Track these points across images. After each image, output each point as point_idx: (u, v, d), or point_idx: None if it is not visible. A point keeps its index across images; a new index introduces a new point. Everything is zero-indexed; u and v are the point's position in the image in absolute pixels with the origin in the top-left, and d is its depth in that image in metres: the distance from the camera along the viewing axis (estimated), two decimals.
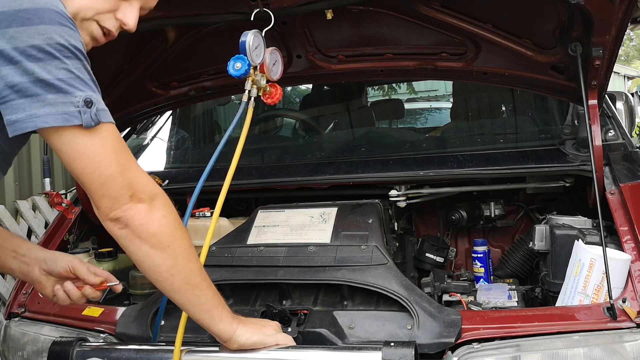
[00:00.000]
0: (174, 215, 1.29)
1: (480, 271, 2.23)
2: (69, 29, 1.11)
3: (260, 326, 1.46)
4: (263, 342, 1.42)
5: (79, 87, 1.11)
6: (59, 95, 1.08)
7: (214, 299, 1.35)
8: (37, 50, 1.06)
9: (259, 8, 1.64)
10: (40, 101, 1.07)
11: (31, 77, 1.07)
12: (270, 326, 1.49)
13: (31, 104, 1.07)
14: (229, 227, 2.10)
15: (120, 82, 2.19)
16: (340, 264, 1.73)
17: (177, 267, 1.27)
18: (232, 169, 1.52)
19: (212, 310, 1.35)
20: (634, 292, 1.52)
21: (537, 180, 2.14)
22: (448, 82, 3.99)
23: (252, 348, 1.41)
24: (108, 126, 1.17)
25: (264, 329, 1.45)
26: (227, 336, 1.38)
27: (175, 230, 1.27)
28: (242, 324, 1.41)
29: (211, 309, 1.34)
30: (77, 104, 1.10)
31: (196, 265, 1.32)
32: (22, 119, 1.08)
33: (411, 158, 2.21)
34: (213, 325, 1.36)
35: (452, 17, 1.81)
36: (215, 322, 1.36)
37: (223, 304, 1.38)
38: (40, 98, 1.07)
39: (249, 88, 1.60)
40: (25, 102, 1.07)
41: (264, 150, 2.82)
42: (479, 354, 1.45)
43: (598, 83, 1.77)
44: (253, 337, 1.40)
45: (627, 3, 1.48)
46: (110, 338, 1.74)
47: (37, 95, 1.07)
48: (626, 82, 19.12)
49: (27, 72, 1.06)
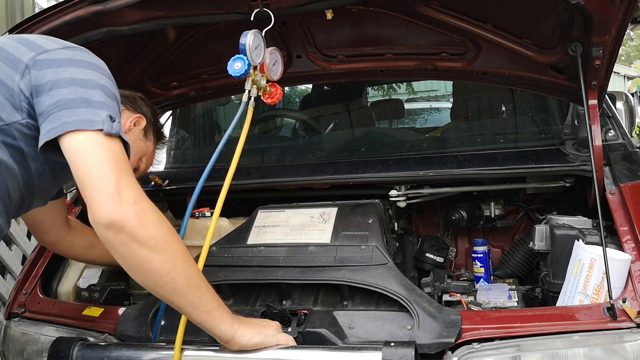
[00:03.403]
0: (166, 221, 1.30)
1: (480, 271, 2.23)
2: (113, 84, 1.39)
3: (260, 326, 1.46)
4: (264, 343, 1.42)
5: (108, 109, 1.28)
6: (89, 109, 1.25)
7: (214, 301, 1.35)
8: (87, 82, 1.30)
9: (259, 8, 1.64)
10: (73, 111, 1.24)
11: (76, 95, 1.26)
12: (270, 326, 1.48)
13: (65, 113, 1.24)
14: (229, 227, 2.10)
15: (120, 82, 2.17)
16: (340, 264, 1.73)
17: (177, 270, 1.27)
18: (232, 169, 1.52)
19: (213, 311, 1.35)
20: (634, 292, 1.52)
21: (537, 180, 2.14)
22: (448, 82, 4.00)
23: (253, 349, 1.41)
24: (121, 143, 1.29)
25: (264, 330, 1.45)
26: (228, 337, 1.38)
27: (170, 234, 1.28)
28: (242, 325, 1.41)
29: (212, 310, 1.35)
30: (102, 116, 1.26)
31: (194, 267, 1.33)
32: (54, 126, 1.23)
33: (411, 158, 2.21)
34: (215, 326, 1.36)
35: (452, 17, 1.81)
36: (217, 324, 1.36)
37: (223, 305, 1.38)
38: (74, 110, 1.24)
39: (249, 88, 1.60)
40: (61, 114, 1.24)
41: (264, 150, 2.82)
42: (479, 354, 1.45)
43: (598, 83, 1.77)
44: (254, 338, 1.40)
45: (627, 3, 1.48)
46: (110, 338, 1.74)
47: (73, 107, 1.24)
48: (626, 82, 19.12)
49: (74, 92, 1.26)
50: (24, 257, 3.90)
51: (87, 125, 1.23)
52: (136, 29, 1.76)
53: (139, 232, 1.21)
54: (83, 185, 1.22)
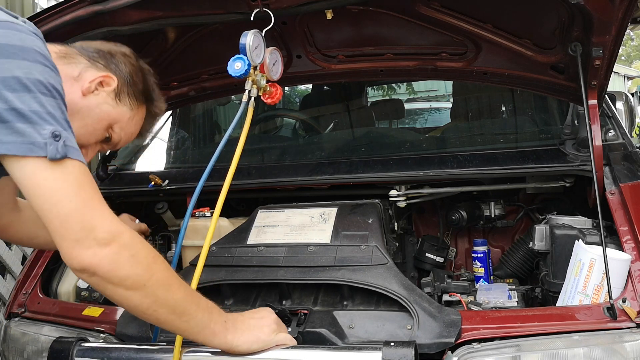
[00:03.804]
0: (145, 250, 1.21)
1: (480, 271, 2.23)
2: (50, 70, 1.13)
3: (256, 328, 1.42)
4: (264, 347, 1.41)
5: (49, 122, 1.09)
6: (27, 125, 1.07)
7: (203, 319, 1.30)
8: (16, 82, 1.07)
9: (259, 8, 1.64)
10: (8, 128, 1.06)
11: (5, 104, 1.06)
12: (266, 326, 1.45)
13: (0, 130, 1.06)
14: (229, 227, 2.10)
15: None
16: (340, 264, 1.73)
17: (159, 302, 1.22)
18: (232, 169, 1.52)
19: (203, 331, 1.31)
20: (634, 292, 1.52)
21: (537, 180, 2.13)
22: (448, 82, 4.00)
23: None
24: (74, 163, 1.12)
25: (259, 332, 1.42)
26: (226, 349, 1.37)
27: (148, 266, 1.19)
28: (238, 333, 1.37)
29: (202, 329, 1.31)
30: (45, 136, 1.07)
31: (178, 293, 1.26)
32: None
33: (411, 158, 2.21)
34: (208, 343, 1.34)
35: (452, 17, 1.81)
36: (209, 340, 1.33)
37: (214, 318, 1.34)
38: (9, 125, 1.06)
39: (249, 88, 1.60)
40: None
41: (264, 150, 2.82)
42: (479, 354, 1.45)
43: (598, 83, 1.77)
44: (253, 345, 1.39)
45: (627, 3, 1.48)
46: (110, 338, 1.74)
47: (7, 122, 1.06)
48: (626, 82, 19.13)
49: (2, 99, 1.06)
50: (24, 257, 3.90)
51: (27, 151, 1.06)
52: (136, 29, 1.76)
53: (112, 275, 1.14)
54: (47, 226, 1.11)
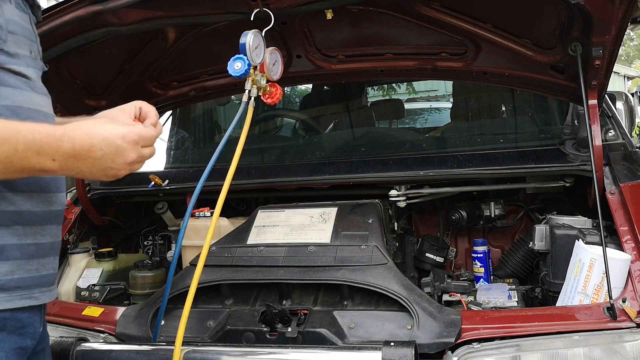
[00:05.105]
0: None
1: (480, 271, 2.23)
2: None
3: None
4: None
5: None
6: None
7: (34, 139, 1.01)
8: None
9: (259, 8, 1.64)
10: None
11: None
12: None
13: None
14: (229, 227, 2.10)
15: (120, 82, 2.20)
16: (340, 263, 1.73)
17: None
18: (232, 169, 1.52)
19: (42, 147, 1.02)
20: (634, 292, 1.53)
21: (537, 180, 2.14)
22: (448, 82, 4.00)
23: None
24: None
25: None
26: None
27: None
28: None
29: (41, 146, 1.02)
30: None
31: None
32: None
33: (411, 158, 2.21)
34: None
35: (452, 17, 1.81)
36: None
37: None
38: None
39: (249, 88, 1.60)
40: None
41: (264, 150, 2.82)
42: (478, 353, 1.45)
43: (598, 83, 1.77)
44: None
45: (627, 3, 1.48)
46: (110, 338, 1.74)
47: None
48: (626, 82, 19.13)
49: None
50: None
51: None
52: (136, 29, 1.76)
53: None
54: None
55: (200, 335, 1.65)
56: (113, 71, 2.15)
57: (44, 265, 1.17)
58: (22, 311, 1.12)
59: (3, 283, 1.07)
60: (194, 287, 1.39)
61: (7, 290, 1.08)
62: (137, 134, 1.12)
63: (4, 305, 1.07)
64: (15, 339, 1.11)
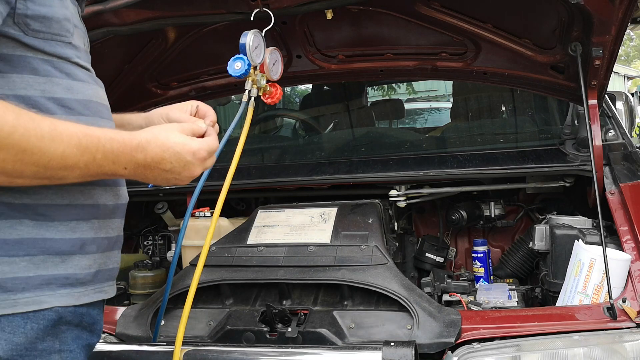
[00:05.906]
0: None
1: (480, 271, 2.23)
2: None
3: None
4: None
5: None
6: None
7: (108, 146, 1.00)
8: None
9: (259, 8, 1.64)
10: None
11: None
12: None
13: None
14: (229, 227, 2.10)
15: (120, 82, 2.20)
16: (340, 263, 1.73)
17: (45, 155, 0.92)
18: (232, 169, 1.51)
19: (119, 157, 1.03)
20: (634, 292, 1.53)
21: (537, 180, 2.14)
22: (448, 82, 4.00)
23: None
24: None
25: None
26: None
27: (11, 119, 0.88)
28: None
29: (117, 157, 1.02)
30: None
31: (43, 126, 0.92)
32: None
33: (411, 158, 2.21)
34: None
35: (452, 17, 1.81)
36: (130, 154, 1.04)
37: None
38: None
39: (249, 88, 1.60)
40: None
41: (264, 150, 2.82)
42: (478, 353, 1.44)
43: (598, 83, 1.77)
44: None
45: (627, 3, 1.48)
46: (110, 338, 1.74)
47: None
48: (626, 82, 19.14)
49: None
50: None
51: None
52: (136, 29, 1.76)
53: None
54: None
55: (200, 335, 1.65)
56: (113, 71, 2.15)
57: (111, 259, 1.17)
58: (93, 307, 1.11)
59: (82, 277, 1.06)
60: (194, 287, 1.39)
61: (85, 284, 1.07)
62: (207, 151, 1.14)
63: (83, 299, 1.06)
64: (87, 336, 1.10)
